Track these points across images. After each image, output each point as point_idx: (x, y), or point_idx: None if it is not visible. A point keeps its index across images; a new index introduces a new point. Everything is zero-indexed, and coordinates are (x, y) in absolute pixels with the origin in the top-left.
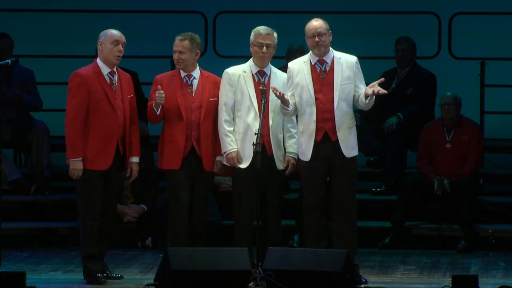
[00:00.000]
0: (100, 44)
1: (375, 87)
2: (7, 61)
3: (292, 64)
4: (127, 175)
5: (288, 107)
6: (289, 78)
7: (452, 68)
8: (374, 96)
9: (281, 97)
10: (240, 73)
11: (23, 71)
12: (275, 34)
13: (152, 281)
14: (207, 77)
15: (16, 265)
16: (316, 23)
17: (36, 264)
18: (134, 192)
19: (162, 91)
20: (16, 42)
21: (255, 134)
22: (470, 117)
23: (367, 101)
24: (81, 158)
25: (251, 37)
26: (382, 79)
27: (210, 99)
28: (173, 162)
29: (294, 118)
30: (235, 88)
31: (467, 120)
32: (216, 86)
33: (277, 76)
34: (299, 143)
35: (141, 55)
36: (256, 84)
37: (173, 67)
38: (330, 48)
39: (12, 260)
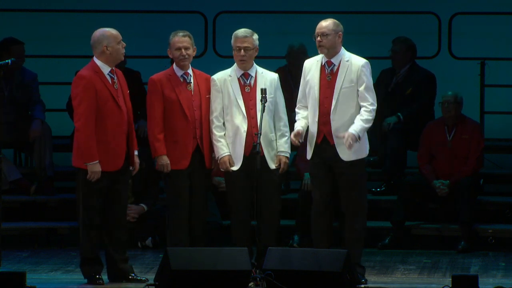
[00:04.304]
0: (106, 48)
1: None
2: (7, 61)
3: (307, 62)
4: (131, 168)
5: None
6: (302, 76)
7: (452, 68)
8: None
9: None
10: (226, 77)
11: (27, 73)
12: (255, 36)
13: (152, 281)
14: (199, 74)
15: (16, 265)
16: (323, 23)
17: (36, 264)
18: (134, 191)
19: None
20: None
21: (255, 134)
22: (470, 117)
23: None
24: (97, 161)
25: (231, 40)
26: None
27: (207, 96)
28: (179, 162)
29: (284, 116)
30: (222, 93)
31: (469, 120)
32: (208, 82)
33: (263, 77)
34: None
35: (141, 55)
36: (242, 87)
37: None
38: (343, 49)
39: (12, 260)
